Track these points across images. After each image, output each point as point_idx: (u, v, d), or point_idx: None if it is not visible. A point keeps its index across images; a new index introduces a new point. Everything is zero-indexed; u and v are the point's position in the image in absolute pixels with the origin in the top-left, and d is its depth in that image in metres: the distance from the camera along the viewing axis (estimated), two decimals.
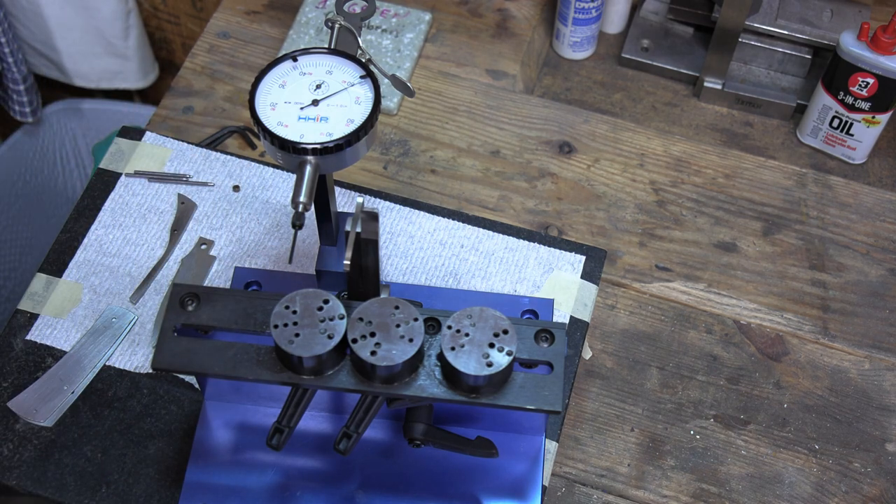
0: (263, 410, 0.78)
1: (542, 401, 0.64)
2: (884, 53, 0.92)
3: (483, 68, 1.09)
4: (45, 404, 0.80)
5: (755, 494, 0.82)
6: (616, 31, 1.13)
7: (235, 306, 0.66)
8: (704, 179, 1.01)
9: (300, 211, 0.61)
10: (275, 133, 0.63)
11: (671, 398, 0.87)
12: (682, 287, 0.93)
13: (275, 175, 0.93)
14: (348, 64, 0.67)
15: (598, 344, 0.89)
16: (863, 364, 0.89)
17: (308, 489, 0.75)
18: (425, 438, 0.70)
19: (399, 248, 0.89)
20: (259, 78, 0.66)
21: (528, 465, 0.77)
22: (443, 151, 1.02)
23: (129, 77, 1.54)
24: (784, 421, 0.86)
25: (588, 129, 1.04)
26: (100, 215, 0.90)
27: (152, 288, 0.86)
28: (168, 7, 1.51)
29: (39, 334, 0.83)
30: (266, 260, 0.88)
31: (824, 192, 1.00)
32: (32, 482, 0.77)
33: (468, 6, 1.14)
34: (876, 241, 0.97)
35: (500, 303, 0.84)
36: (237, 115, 1.04)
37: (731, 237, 0.97)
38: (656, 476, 0.82)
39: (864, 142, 1.00)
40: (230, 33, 1.12)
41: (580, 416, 0.85)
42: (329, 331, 0.61)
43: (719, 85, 1.05)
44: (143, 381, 0.81)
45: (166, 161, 0.93)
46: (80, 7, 1.41)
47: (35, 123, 1.51)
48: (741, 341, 0.90)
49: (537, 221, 0.97)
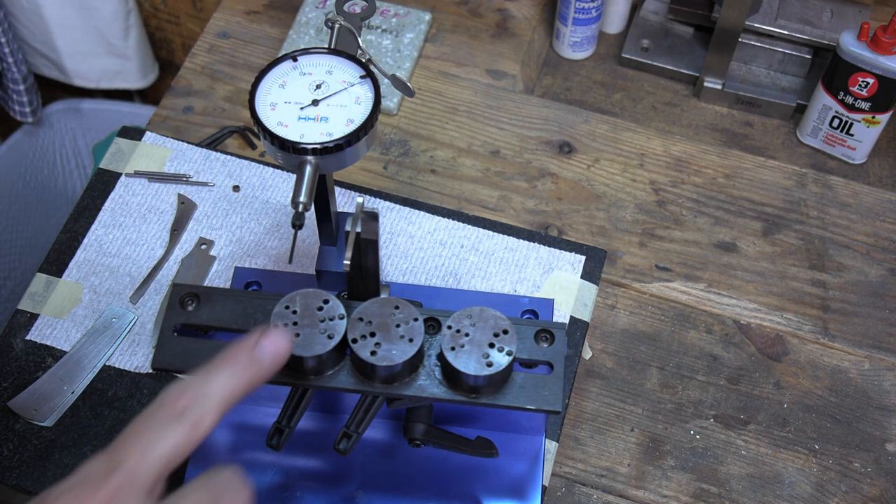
0: (263, 410, 0.78)
1: (542, 401, 0.64)
2: (884, 53, 0.92)
3: (483, 68, 1.09)
4: (45, 404, 0.80)
5: (755, 494, 0.82)
6: (616, 31, 1.13)
7: (235, 306, 0.66)
8: (704, 179, 1.01)
9: (300, 211, 0.61)
10: (275, 133, 0.63)
11: (671, 398, 0.87)
12: (682, 287, 0.93)
13: (275, 175, 0.93)
14: (348, 64, 0.67)
15: (598, 344, 0.89)
16: (863, 364, 0.89)
17: (308, 489, 0.75)
18: (425, 438, 0.70)
19: (399, 248, 0.89)
20: (259, 78, 0.66)
21: (528, 465, 0.77)
22: (443, 151, 1.02)
23: (129, 77, 1.54)
24: (784, 421, 0.86)
25: (588, 129, 1.04)
26: (100, 215, 0.90)
27: (152, 288, 0.86)
28: (168, 7, 1.51)
29: (39, 334, 0.83)
30: (266, 260, 0.88)
31: (824, 192, 1.00)
32: (32, 482, 0.77)
33: (468, 6, 1.14)
34: (876, 241, 0.97)
35: (500, 303, 0.84)
36: (237, 115, 1.04)
37: (731, 237, 0.97)
38: (656, 476, 0.82)
39: (864, 142, 1.00)
40: (230, 33, 1.12)
41: (580, 416, 0.85)
42: (329, 331, 0.61)
43: (719, 85, 1.05)
44: (143, 381, 0.81)
45: (166, 161, 0.93)
46: (80, 7, 1.41)
47: (35, 123, 1.51)
48: (741, 341, 0.90)
49: (537, 221, 0.97)
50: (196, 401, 0.50)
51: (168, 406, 0.49)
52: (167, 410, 0.49)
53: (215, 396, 0.51)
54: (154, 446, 0.48)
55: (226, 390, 0.51)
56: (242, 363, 0.53)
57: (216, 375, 0.52)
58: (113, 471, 0.47)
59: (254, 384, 0.54)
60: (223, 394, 0.51)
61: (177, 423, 0.49)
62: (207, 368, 0.52)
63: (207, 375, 0.52)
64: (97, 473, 0.47)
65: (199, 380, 0.51)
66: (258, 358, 0.54)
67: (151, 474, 0.48)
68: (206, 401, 0.50)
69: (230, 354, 0.53)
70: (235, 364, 0.53)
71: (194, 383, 0.51)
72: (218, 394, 0.51)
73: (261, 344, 0.54)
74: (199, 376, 0.51)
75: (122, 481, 0.46)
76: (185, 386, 0.50)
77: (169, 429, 0.48)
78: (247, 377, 0.53)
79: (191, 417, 0.49)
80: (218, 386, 0.51)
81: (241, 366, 0.53)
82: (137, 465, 0.47)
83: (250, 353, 0.54)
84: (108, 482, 0.46)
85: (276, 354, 0.55)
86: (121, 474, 0.46)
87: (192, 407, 0.49)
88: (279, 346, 0.55)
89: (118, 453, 0.48)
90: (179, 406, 0.49)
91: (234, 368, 0.52)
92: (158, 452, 0.48)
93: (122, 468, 0.47)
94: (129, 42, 1.48)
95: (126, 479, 0.47)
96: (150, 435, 0.48)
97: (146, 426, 0.49)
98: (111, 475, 0.46)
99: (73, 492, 0.46)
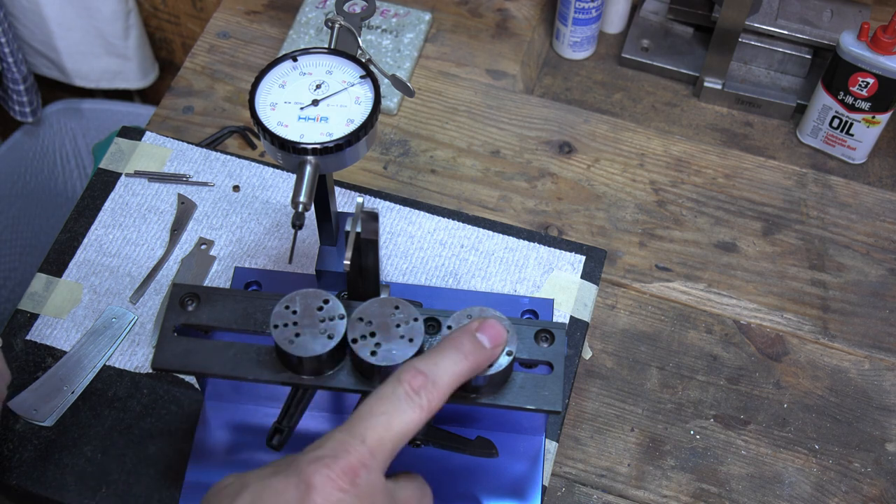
0: (263, 410, 0.78)
1: (542, 401, 0.64)
2: (884, 53, 0.92)
3: (483, 68, 1.09)
4: (45, 404, 0.80)
5: (755, 494, 0.82)
6: (616, 31, 1.13)
7: (235, 306, 0.66)
8: (704, 179, 1.01)
9: (300, 211, 0.61)
10: (275, 133, 0.63)
11: (671, 398, 0.87)
12: (682, 287, 0.93)
13: (275, 175, 0.93)
14: (348, 64, 0.67)
15: (598, 344, 0.89)
16: (863, 364, 0.89)
17: None
18: (425, 438, 0.70)
19: (399, 248, 0.89)
20: (259, 78, 0.66)
21: (528, 465, 0.77)
22: (443, 151, 1.02)
23: (129, 77, 1.54)
24: (784, 421, 0.86)
25: (588, 129, 1.04)
26: (100, 215, 0.90)
27: (152, 288, 0.86)
28: (168, 7, 1.51)
29: (39, 334, 0.83)
30: (266, 260, 0.88)
31: (824, 192, 1.00)
32: (32, 482, 0.77)
33: (468, 6, 1.14)
34: (876, 241, 0.97)
35: (500, 303, 0.84)
36: (237, 115, 1.04)
37: (731, 237, 0.97)
38: (656, 476, 0.82)
39: (864, 142, 1.00)
40: (230, 33, 1.12)
41: (580, 416, 0.85)
42: (329, 331, 0.61)
43: (719, 85, 1.05)
44: (143, 381, 0.81)
45: (166, 161, 0.93)
46: (80, 7, 1.41)
47: (35, 123, 1.51)
48: (741, 341, 0.90)
49: (537, 221, 0.97)
50: (428, 382, 0.54)
51: (405, 386, 0.53)
52: (405, 390, 0.53)
53: (445, 379, 0.55)
54: (394, 422, 0.52)
55: (454, 374, 0.55)
56: (467, 348, 0.57)
57: (445, 359, 0.55)
58: (359, 444, 0.50)
59: (477, 368, 0.57)
60: (451, 377, 0.55)
61: (414, 403, 0.53)
62: (436, 352, 0.56)
63: (438, 358, 0.55)
64: (343, 447, 0.50)
65: (430, 362, 0.55)
66: (482, 343, 0.58)
67: (392, 449, 0.52)
68: (437, 382, 0.54)
69: (455, 339, 0.57)
70: (461, 349, 0.56)
71: (426, 366, 0.55)
72: (447, 377, 0.55)
73: (483, 329, 0.58)
74: (429, 359, 0.55)
75: (368, 453, 0.50)
76: (418, 368, 0.54)
77: (406, 407, 0.52)
78: (471, 361, 0.57)
79: (425, 397, 0.53)
80: (447, 370, 0.55)
81: (466, 350, 0.57)
82: (382, 439, 0.51)
83: (474, 338, 0.57)
84: (354, 453, 0.50)
85: (497, 338, 0.58)
86: (366, 447, 0.50)
87: (425, 387, 0.53)
88: (499, 331, 0.59)
89: (360, 428, 0.51)
90: (416, 386, 0.53)
91: (460, 353, 0.56)
92: (397, 429, 0.52)
93: (367, 442, 0.51)
94: (129, 42, 1.48)
95: (371, 451, 0.51)
96: (391, 412, 0.52)
97: (387, 404, 0.52)
98: (358, 447, 0.50)
99: (323, 461, 0.50)
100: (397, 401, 0.52)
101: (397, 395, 0.53)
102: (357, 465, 0.50)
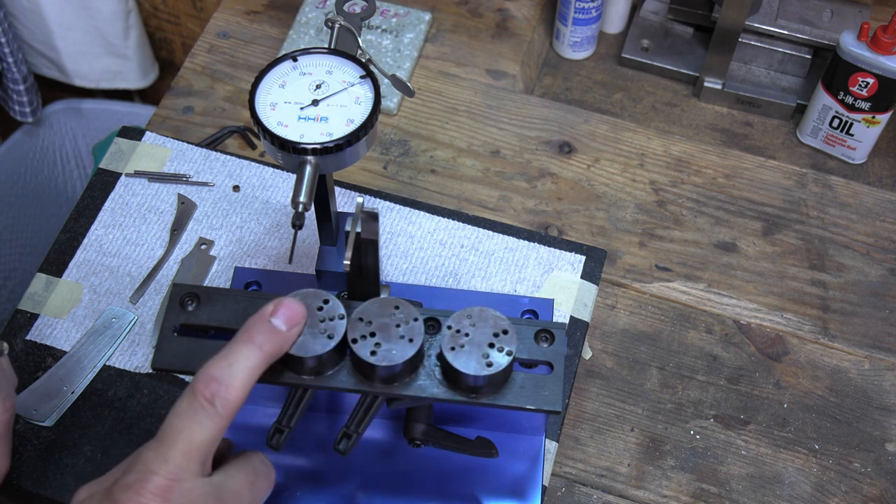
0: (263, 410, 0.78)
1: (542, 401, 0.64)
2: (884, 53, 0.92)
3: (483, 68, 1.09)
4: (45, 404, 0.80)
5: (755, 494, 0.82)
6: (616, 31, 1.13)
7: (235, 306, 0.66)
8: (704, 179, 1.01)
9: (300, 211, 0.61)
10: (275, 133, 0.63)
11: (671, 398, 0.87)
12: (682, 287, 0.93)
13: (275, 175, 0.93)
14: (348, 64, 0.67)
15: (598, 344, 0.89)
16: (863, 364, 0.89)
17: (308, 489, 0.75)
18: (425, 438, 0.70)
19: (399, 248, 0.89)
20: (259, 78, 0.66)
21: (528, 465, 0.77)
22: (443, 151, 1.02)
23: (129, 77, 1.54)
24: (784, 421, 0.86)
25: (588, 129, 1.04)
26: (100, 215, 0.90)
27: (152, 288, 0.86)
28: (168, 7, 1.51)
29: (39, 334, 0.83)
30: (266, 260, 0.88)
31: (824, 192, 1.00)
32: (32, 482, 0.77)
33: (468, 6, 1.14)
34: (876, 241, 0.97)
35: (500, 303, 0.84)
36: (237, 115, 1.04)
37: (731, 237, 0.97)
38: (656, 476, 0.82)
39: (864, 142, 1.00)
40: (230, 33, 1.12)
41: (580, 416, 0.85)
42: (329, 331, 0.61)
43: (719, 85, 1.05)
44: (143, 381, 0.81)
45: (166, 161, 0.93)
46: (80, 7, 1.41)
47: (35, 123, 1.51)
48: (741, 341, 0.90)
49: (537, 221, 0.97)
50: (221, 387, 0.54)
51: (199, 398, 0.54)
52: (199, 402, 0.54)
53: (239, 378, 0.55)
54: (195, 436, 0.54)
55: (247, 370, 0.56)
56: (262, 335, 0.57)
57: (238, 357, 0.56)
58: (164, 463, 0.53)
59: (276, 354, 0.57)
60: (245, 374, 0.55)
61: (209, 413, 0.54)
62: (230, 348, 0.56)
63: (229, 356, 0.56)
64: (150, 469, 0.53)
65: (224, 363, 0.55)
66: (276, 328, 0.57)
67: (204, 455, 0.54)
68: (232, 384, 0.55)
69: (248, 331, 0.57)
70: (255, 338, 0.56)
71: (218, 369, 0.55)
72: (241, 374, 0.55)
73: (277, 312, 0.58)
74: (223, 359, 0.55)
75: (177, 469, 0.53)
76: (211, 374, 0.55)
77: (204, 419, 0.54)
78: (266, 351, 0.57)
79: (219, 404, 0.54)
80: (240, 367, 0.55)
81: (259, 342, 0.57)
82: (188, 453, 0.54)
83: (267, 323, 0.57)
84: (161, 473, 0.53)
85: (293, 319, 0.58)
86: (173, 464, 0.53)
87: (218, 394, 0.54)
88: (295, 310, 0.58)
89: (163, 447, 0.54)
90: (209, 395, 0.54)
91: (254, 343, 0.56)
92: (200, 440, 0.54)
93: (172, 461, 0.53)
94: (129, 42, 1.48)
95: (179, 466, 0.53)
96: (190, 427, 0.54)
97: (185, 420, 0.54)
98: (163, 467, 0.53)
99: (133, 487, 0.53)
100: (194, 414, 0.54)
101: (193, 408, 0.54)
102: (167, 484, 0.53)
